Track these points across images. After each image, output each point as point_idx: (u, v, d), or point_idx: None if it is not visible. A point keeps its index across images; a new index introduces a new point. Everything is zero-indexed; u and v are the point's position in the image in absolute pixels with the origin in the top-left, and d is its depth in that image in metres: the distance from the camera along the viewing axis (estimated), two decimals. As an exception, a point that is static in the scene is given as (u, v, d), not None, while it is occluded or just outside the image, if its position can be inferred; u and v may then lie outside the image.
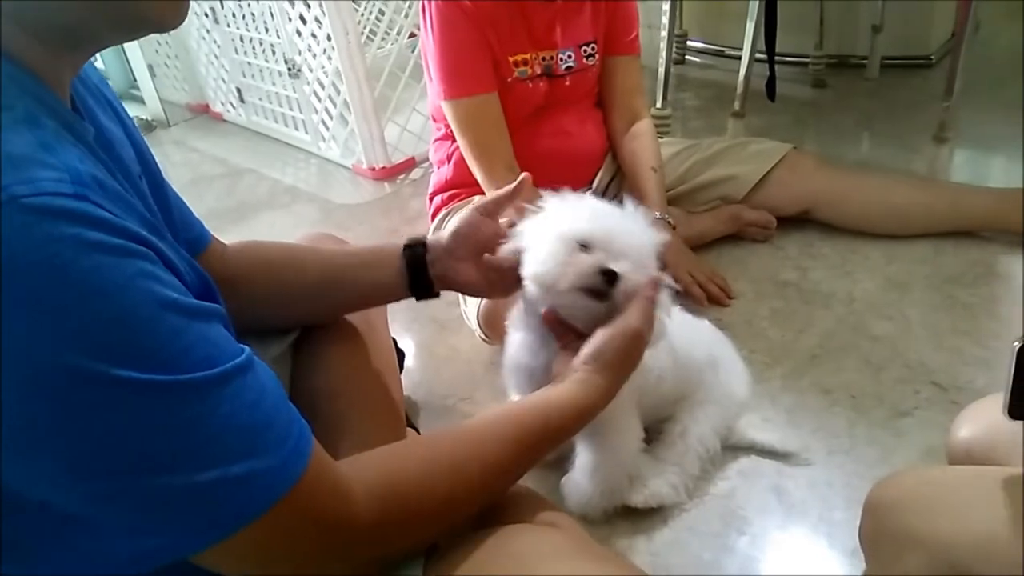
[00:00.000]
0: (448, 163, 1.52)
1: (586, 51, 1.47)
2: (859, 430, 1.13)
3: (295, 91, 2.35)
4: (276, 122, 2.58)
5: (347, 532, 0.55)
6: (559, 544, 0.63)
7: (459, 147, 1.43)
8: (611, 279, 0.78)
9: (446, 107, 1.40)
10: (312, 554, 0.54)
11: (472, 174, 1.42)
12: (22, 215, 0.42)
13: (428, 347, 1.46)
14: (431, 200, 1.57)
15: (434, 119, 1.54)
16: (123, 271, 0.46)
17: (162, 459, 0.47)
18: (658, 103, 2.08)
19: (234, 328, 0.59)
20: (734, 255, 1.59)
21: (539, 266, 0.82)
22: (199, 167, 2.52)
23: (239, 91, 2.65)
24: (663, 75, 2.08)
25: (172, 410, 0.47)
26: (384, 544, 0.58)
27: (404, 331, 1.48)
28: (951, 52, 1.93)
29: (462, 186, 1.50)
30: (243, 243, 0.89)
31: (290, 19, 2.18)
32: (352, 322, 0.94)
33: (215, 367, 0.49)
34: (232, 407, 0.49)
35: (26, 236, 0.42)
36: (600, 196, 0.87)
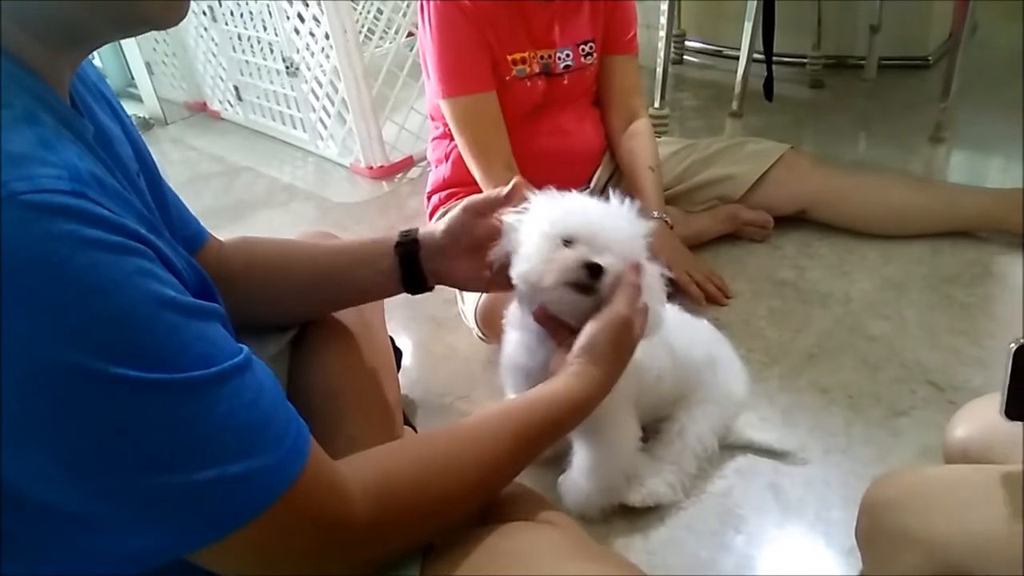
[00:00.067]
0: (446, 162, 1.52)
1: (584, 50, 1.47)
2: (856, 429, 1.13)
3: (293, 89, 2.35)
4: (274, 120, 2.58)
5: (345, 531, 0.55)
6: (557, 542, 0.63)
7: (457, 146, 1.43)
8: (595, 272, 0.78)
9: (444, 105, 1.40)
10: (310, 553, 0.54)
11: (470, 173, 1.42)
12: (21, 212, 0.42)
13: (425, 345, 1.46)
14: (429, 199, 1.57)
15: (432, 118, 1.54)
16: (121, 268, 0.46)
17: (160, 458, 0.46)
18: (656, 103, 2.08)
19: (232, 326, 0.59)
20: (732, 255, 1.59)
21: (525, 264, 0.82)
22: (197, 165, 2.52)
23: (237, 89, 2.65)
24: (661, 75, 2.08)
25: (170, 409, 0.46)
26: (382, 543, 0.58)
27: (401, 329, 1.48)
28: (948, 53, 1.94)
29: (460, 185, 1.50)
30: (238, 240, 0.89)
31: (288, 17, 2.18)
32: (349, 321, 0.94)
33: (213, 366, 0.49)
34: (230, 406, 0.49)
35: (24, 233, 0.42)
36: (598, 195, 0.87)
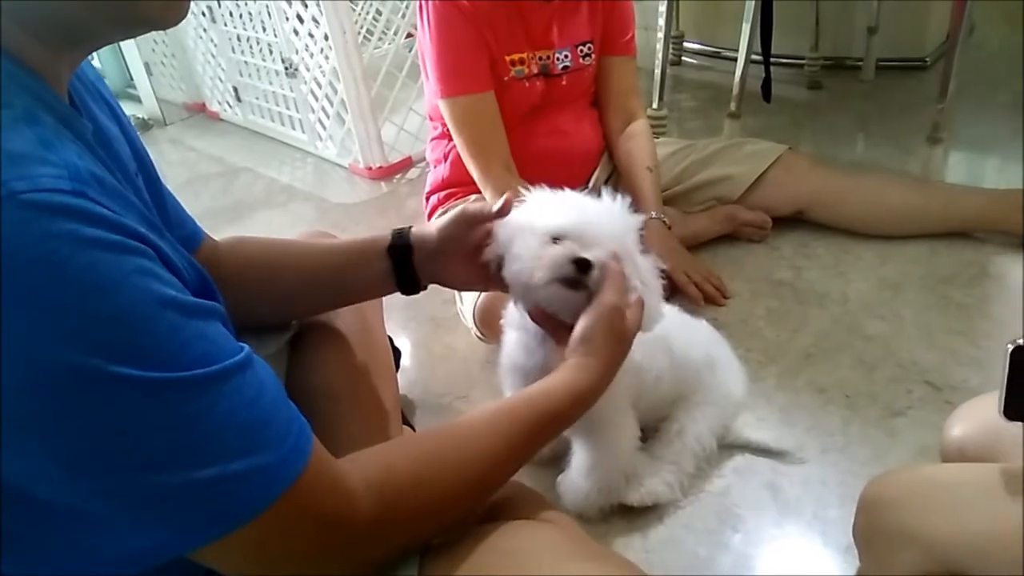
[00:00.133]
0: (445, 162, 1.52)
1: (582, 51, 1.47)
2: (853, 429, 1.13)
3: (292, 90, 2.35)
4: (273, 121, 2.58)
5: (347, 529, 0.55)
6: (556, 541, 0.63)
7: (456, 146, 1.43)
8: (583, 267, 0.78)
9: (443, 106, 1.40)
10: (312, 552, 0.54)
11: (469, 173, 1.42)
12: (20, 211, 0.42)
13: (424, 345, 1.46)
14: (427, 199, 1.57)
15: (431, 118, 1.54)
16: (120, 267, 0.46)
17: (161, 456, 0.46)
18: (654, 104, 2.08)
19: (232, 325, 0.59)
20: (730, 255, 1.59)
21: (515, 263, 0.82)
22: (196, 166, 2.52)
23: (236, 90, 2.65)
24: (659, 76, 2.08)
25: (170, 407, 0.47)
26: (384, 541, 0.58)
27: (400, 330, 1.49)
28: (945, 54, 1.94)
29: (459, 185, 1.50)
30: (233, 240, 0.88)
31: (287, 18, 2.18)
32: (348, 321, 0.94)
33: (213, 364, 0.49)
34: (231, 404, 0.49)
35: (24, 232, 0.42)
36: (596, 195, 0.87)
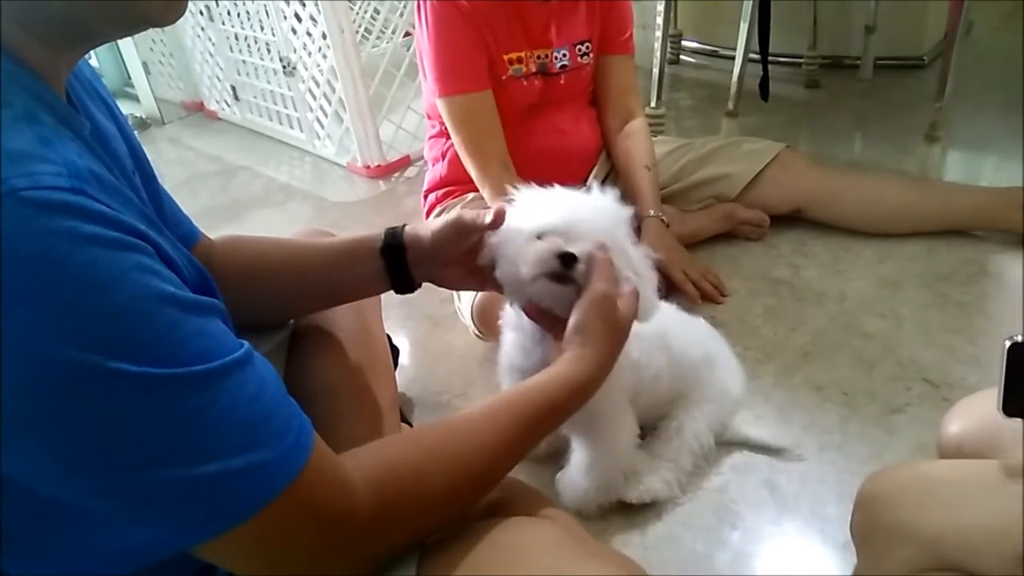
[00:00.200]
0: (443, 160, 1.52)
1: (581, 50, 1.48)
2: (851, 426, 1.13)
3: (290, 89, 2.35)
4: (271, 120, 2.58)
5: (347, 525, 0.55)
6: (555, 538, 0.63)
7: (453, 144, 1.43)
8: (568, 261, 0.78)
9: (440, 104, 1.40)
10: (313, 548, 0.54)
11: (467, 171, 1.42)
12: (20, 208, 0.43)
13: (422, 344, 1.46)
14: (425, 198, 1.57)
15: (429, 117, 1.54)
16: (119, 264, 0.46)
17: (161, 452, 0.47)
18: (652, 102, 2.08)
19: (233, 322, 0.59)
20: (727, 253, 1.60)
21: (504, 263, 0.83)
22: (194, 165, 2.52)
23: (234, 89, 2.65)
24: (657, 75, 2.08)
25: (170, 403, 0.47)
26: (384, 537, 0.58)
27: (398, 328, 1.49)
28: (943, 53, 1.94)
29: (457, 183, 1.50)
30: (228, 239, 0.88)
31: (285, 17, 2.18)
32: (346, 319, 0.95)
33: (213, 361, 0.49)
34: (231, 400, 0.49)
35: (23, 229, 0.42)
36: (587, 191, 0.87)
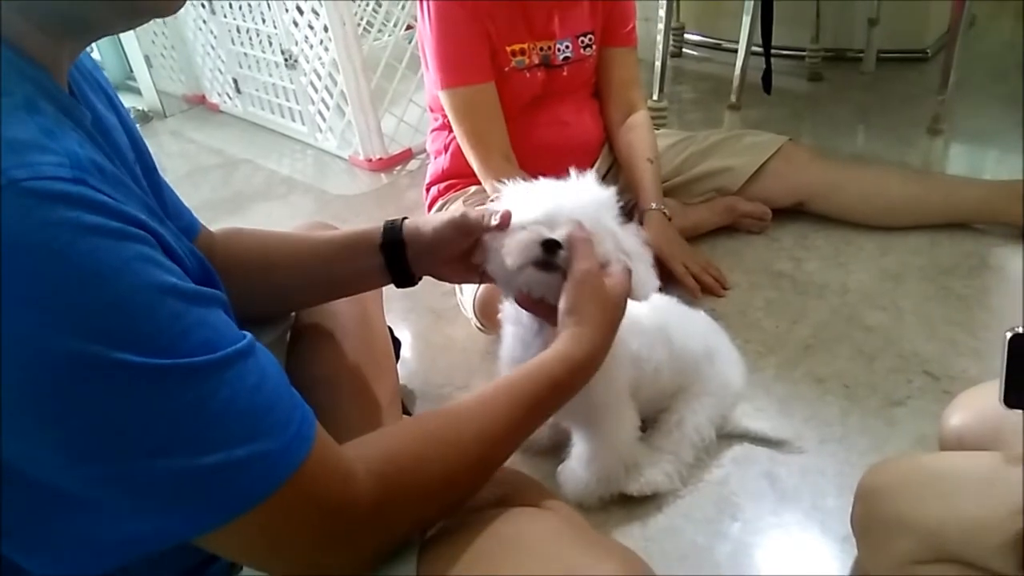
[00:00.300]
0: (445, 153, 1.52)
1: (583, 42, 1.47)
2: (852, 419, 1.14)
3: (292, 82, 2.35)
4: (272, 113, 2.58)
5: (350, 515, 0.55)
6: (556, 528, 0.64)
7: (456, 137, 1.43)
8: (551, 248, 0.78)
9: (443, 96, 1.40)
10: (315, 538, 0.54)
11: (469, 164, 1.42)
12: (21, 198, 0.43)
13: (424, 336, 1.46)
14: (428, 190, 1.57)
15: (431, 109, 1.54)
16: (121, 254, 0.46)
17: (163, 443, 0.47)
18: (655, 95, 2.08)
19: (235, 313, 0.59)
20: (729, 246, 1.60)
21: (492, 256, 0.82)
22: (195, 158, 2.52)
23: (235, 82, 2.65)
24: (660, 68, 2.08)
25: (172, 394, 0.47)
26: (387, 526, 0.58)
27: (400, 320, 1.49)
28: (946, 46, 1.94)
29: (459, 176, 1.50)
30: (228, 232, 0.88)
31: (287, 10, 2.17)
32: (348, 311, 0.95)
33: (215, 351, 0.49)
34: (233, 391, 0.49)
35: (24, 219, 0.42)
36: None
